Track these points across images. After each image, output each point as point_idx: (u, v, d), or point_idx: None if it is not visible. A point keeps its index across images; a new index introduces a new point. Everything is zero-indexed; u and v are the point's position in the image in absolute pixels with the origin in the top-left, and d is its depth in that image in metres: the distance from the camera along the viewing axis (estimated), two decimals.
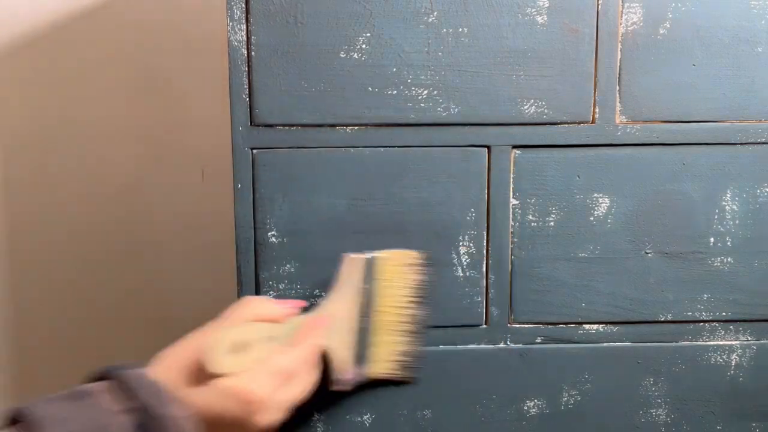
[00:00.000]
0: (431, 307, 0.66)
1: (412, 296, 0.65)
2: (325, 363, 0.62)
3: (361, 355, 0.63)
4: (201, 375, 0.54)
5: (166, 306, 1.19)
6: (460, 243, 0.66)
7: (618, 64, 0.65)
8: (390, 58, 0.63)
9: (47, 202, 1.15)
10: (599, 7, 0.64)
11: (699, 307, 0.68)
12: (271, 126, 0.64)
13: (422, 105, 0.64)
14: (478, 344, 0.68)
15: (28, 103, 1.12)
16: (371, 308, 0.63)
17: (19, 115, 1.13)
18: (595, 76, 0.65)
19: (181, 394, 0.53)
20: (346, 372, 0.63)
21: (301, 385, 0.58)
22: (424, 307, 0.65)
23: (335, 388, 0.63)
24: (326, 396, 0.64)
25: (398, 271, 0.64)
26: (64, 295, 1.17)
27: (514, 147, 0.65)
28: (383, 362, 0.65)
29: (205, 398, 0.54)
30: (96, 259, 1.16)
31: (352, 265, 0.63)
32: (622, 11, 0.64)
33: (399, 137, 0.64)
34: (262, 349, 0.57)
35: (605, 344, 0.68)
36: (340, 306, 0.62)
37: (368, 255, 0.63)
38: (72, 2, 1.09)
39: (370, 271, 0.63)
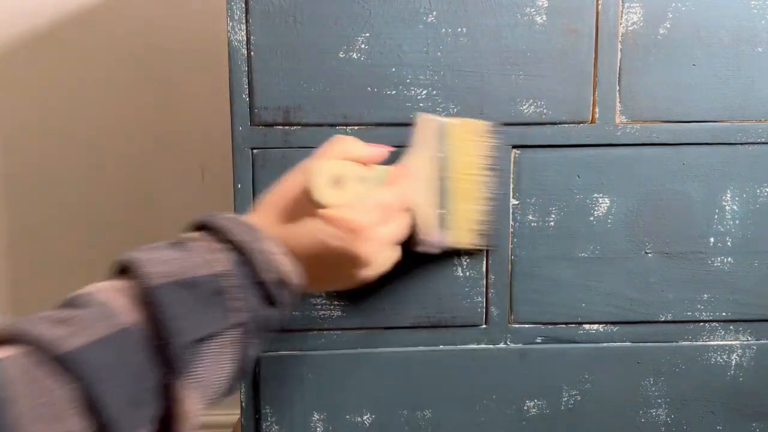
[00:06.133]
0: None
1: (484, 164, 0.64)
2: (412, 221, 0.60)
3: (442, 220, 0.62)
4: (303, 209, 0.53)
5: None
6: None
7: (618, 64, 0.65)
8: (389, 58, 0.63)
9: (47, 202, 1.15)
10: (599, 7, 0.64)
11: (699, 307, 0.68)
12: (271, 126, 0.64)
13: (421, 105, 0.64)
14: (478, 344, 0.68)
15: (29, 103, 1.12)
16: (447, 173, 0.62)
17: (20, 114, 1.13)
18: (595, 76, 0.65)
19: (281, 231, 0.52)
20: (431, 233, 0.62)
21: (400, 225, 0.57)
22: (494, 174, 0.65)
23: (421, 248, 0.62)
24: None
25: (470, 138, 0.63)
26: (64, 295, 1.17)
27: (514, 147, 0.65)
28: (463, 230, 0.64)
29: (308, 230, 0.52)
30: (96, 258, 1.16)
31: (427, 126, 0.62)
32: (622, 11, 0.64)
33: (399, 137, 0.64)
34: (357, 187, 0.55)
35: (605, 344, 0.68)
36: (420, 164, 0.61)
37: (442, 119, 0.63)
38: (72, 2, 1.09)
39: (442, 135, 0.62)
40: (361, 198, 0.54)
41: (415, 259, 0.66)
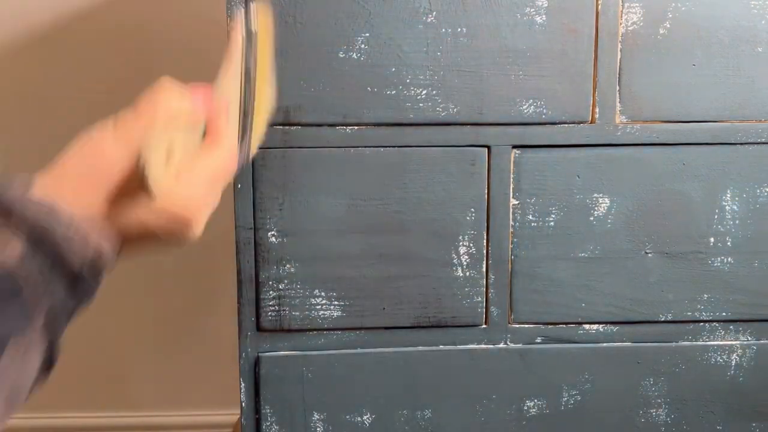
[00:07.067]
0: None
1: (270, 60, 0.58)
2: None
3: (242, 138, 0.57)
4: (130, 187, 0.47)
5: (166, 306, 1.19)
6: (460, 243, 0.66)
7: (618, 64, 0.65)
8: (389, 58, 0.63)
9: None
10: (599, 7, 0.64)
11: (699, 307, 0.68)
12: (270, 125, 0.64)
13: (421, 105, 0.64)
14: (478, 344, 0.68)
15: (28, 102, 1.12)
16: (250, 87, 0.57)
17: (19, 114, 1.13)
18: (595, 76, 0.65)
19: (100, 206, 0.46)
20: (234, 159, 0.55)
21: (226, 181, 0.53)
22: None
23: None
24: None
25: (267, 34, 0.57)
26: None
27: (514, 147, 0.65)
28: (256, 141, 0.58)
29: (137, 216, 0.47)
30: None
31: (239, 38, 0.55)
32: (622, 11, 0.64)
33: (398, 137, 0.64)
34: (182, 152, 0.50)
35: (605, 344, 0.68)
36: (230, 88, 0.55)
37: (250, 26, 0.56)
38: (72, 2, 1.09)
39: (250, 43, 0.56)
40: (190, 171, 0.49)
41: (415, 258, 0.66)
